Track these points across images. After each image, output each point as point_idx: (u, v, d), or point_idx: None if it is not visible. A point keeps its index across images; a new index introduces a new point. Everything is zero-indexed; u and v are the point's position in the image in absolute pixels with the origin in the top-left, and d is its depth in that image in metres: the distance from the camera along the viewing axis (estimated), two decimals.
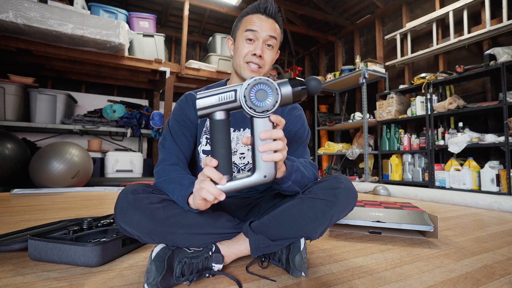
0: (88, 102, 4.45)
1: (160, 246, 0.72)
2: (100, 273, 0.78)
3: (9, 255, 0.93)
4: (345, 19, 4.74)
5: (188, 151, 0.93)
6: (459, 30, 3.17)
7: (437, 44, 3.31)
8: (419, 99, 3.26)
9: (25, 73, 3.73)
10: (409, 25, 3.57)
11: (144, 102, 4.89)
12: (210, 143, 0.65)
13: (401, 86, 3.54)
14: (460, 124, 2.91)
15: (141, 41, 3.69)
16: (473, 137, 2.72)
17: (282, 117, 0.99)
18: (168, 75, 3.74)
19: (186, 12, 3.80)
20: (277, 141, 0.63)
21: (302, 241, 0.78)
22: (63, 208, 1.86)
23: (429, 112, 3.10)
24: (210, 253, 0.76)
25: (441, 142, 3.02)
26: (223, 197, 0.62)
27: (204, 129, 0.95)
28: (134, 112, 4.10)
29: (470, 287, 0.73)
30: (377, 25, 4.25)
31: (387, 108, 3.54)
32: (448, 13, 3.17)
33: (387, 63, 3.87)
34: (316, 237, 0.80)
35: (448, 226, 1.44)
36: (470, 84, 3.12)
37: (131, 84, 4.65)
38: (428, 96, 3.11)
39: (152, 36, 3.76)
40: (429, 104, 3.10)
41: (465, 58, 3.19)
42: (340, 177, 0.82)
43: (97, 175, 3.77)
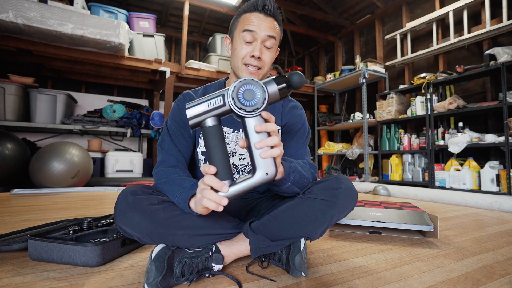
0: (88, 102, 4.45)
1: (160, 246, 0.72)
2: (100, 273, 0.78)
3: (9, 255, 0.93)
4: (345, 19, 4.74)
5: (187, 152, 0.92)
6: (459, 30, 3.17)
7: (437, 44, 3.31)
8: (419, 99, 3.26)
9: (25, 73, 3.73)
10: (409, 25, 3.57)
11: (144, 102, 4.89)
12: (206, 150, 0.65)
13: (401, 86, 3.54)
14: (460, 124, 2.91)
15: (141, 41, 3.69)
16: (473, 137, 2.72)
17: (283, 116, 0.99)
18: (168, 75, 3.74)
19: (186, 12, 3.80)
20: (272, 136, 0.64)
21: (302, 241, 0.78)
22: (63, 208, 1.86)
23: (429, 112, 3.10)
24: (210, 253, 0.76)
25: (441, 142, 3.02)
26: (225, 202, 0.62)
27: None
28: (134, 112, 4.10)
29: (470, 287, 0.73)
30: (377, 25, 4.25)
31: (387, 108, 3.54)
32: (448, 13, 3.17)
33: (387, 63, 3.87)
34: (316, 237, 0.80)
35: (448, 226, 1.44)
36: (470, 84, 3.12)
37: (131, 84, 4.65)
38: (428, 96, 3.11)
39: (152, 36, 3.76)
40: (429, 104, 3.10)
41: (465, 58, 3.19)
42: (340, 178, 0.81)
43: (97, 175, 3.77)
